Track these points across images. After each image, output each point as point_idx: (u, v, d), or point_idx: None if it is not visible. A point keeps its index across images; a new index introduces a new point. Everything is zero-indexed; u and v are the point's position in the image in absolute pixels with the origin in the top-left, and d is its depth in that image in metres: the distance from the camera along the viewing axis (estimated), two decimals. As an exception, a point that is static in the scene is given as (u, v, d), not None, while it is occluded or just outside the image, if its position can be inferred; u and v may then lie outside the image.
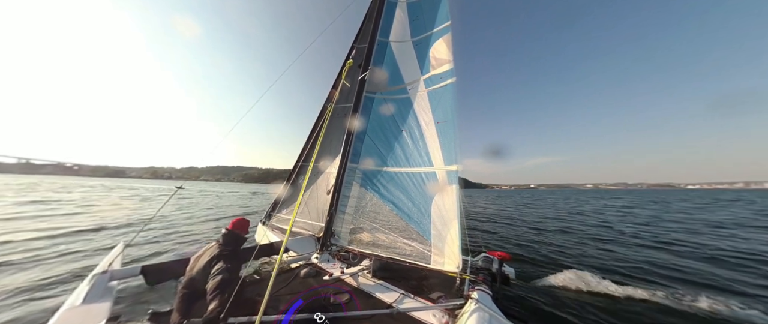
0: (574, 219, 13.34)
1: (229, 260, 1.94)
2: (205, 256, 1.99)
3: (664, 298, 3.90)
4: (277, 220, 5.00)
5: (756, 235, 8.88)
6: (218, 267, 1.85)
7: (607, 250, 6.92)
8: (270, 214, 5.15)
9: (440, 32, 3.32)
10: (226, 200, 22.09)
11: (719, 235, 8.81)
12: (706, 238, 8.39)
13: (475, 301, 2.05)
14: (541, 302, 3.76)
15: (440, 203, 2.89)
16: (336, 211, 3.50)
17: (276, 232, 4.67)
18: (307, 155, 4.12)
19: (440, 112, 3.16)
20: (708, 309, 3.59)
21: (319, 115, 4.24)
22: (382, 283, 2.83)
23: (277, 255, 2.34)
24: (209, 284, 1.77)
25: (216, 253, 1.97)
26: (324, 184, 4.44)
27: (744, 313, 3.51)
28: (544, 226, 10.83)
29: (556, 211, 17.87)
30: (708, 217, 13.66)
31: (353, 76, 3.75)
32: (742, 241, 7.74)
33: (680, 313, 3.54)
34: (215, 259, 1.92)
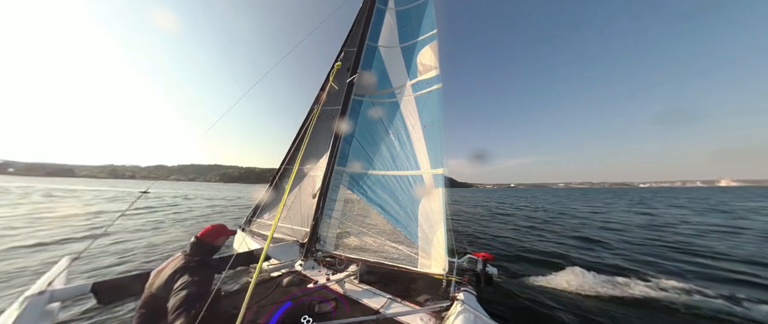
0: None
1: (197, 272, 1.74)
2: (167, 270, 1.77)
3: (650, 295, 4.13)
4: (258, 226, 4.73)
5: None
6: (183, 281, 1.64)
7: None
8: (250, 219, 4.86)
9: (427, 40, 3.45)
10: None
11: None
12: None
13: (461, 302, 2.08)
14: (523, 300, 3.91)
15: (427, 206, 2.93)
16: (322, 215, 3.40)
17: (256, 238, 4.41)
18: (292, 157, 3.99)
19: (427, 116, 3.24)
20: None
21: (305, 117, 4.14)
22: (370, 288, 2.78)
23: (256, 263, 2.20)
24: (172, 301, 1.56)
25: (180, 265, 1.76)
26: (309, 188, 4.30)
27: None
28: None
29: (563, 213, 16.37)
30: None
31: (341, 78, 3.74)
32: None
33: (668, 308, 3.76)
34: (179, 272, 1.71)
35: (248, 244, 4.10)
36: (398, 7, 3.78)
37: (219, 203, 18.49)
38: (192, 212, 14.18)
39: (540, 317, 3.51)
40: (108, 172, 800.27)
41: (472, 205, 23.13)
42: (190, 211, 14.73)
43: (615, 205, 22.76)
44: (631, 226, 11.06)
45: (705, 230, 10.13)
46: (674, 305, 3.83)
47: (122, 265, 5.01)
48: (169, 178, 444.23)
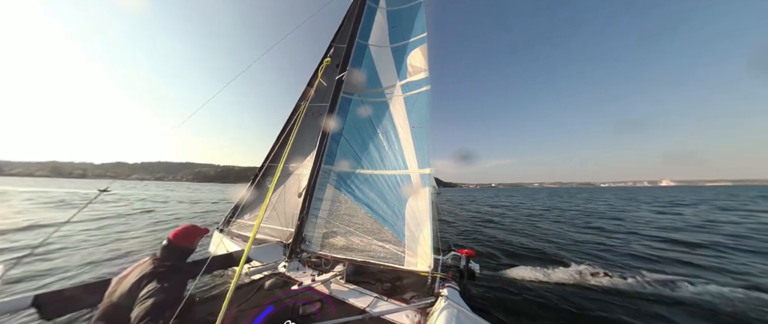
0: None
1: (166, 278, 1.60)
2: (132, 276, 1.61)
3: (620, 284, 4.58)
4: (238, 227, 4.49)
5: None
6: (150, 288, 1.50)
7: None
8: (229, 219, 4.58)
9: (417, 42, 3.50)
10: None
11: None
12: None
13: (445, 298, 2.14)
14: (502, 293, 4.15)
15: (414, 205, 2.98)
16: (308, 214, 3.31)
17: (236, 240, 4.18)
18: (277, 155, 3.83)
19: (415, 117, 3.29)
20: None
21: (291, 113, 4.00)
22: (356, 287, 2.77)
23: (236, 266, 2.08)
24: (136, 311, 1.42)
25: (148, 271, 1.61)
26: (294, 187, 4.16)
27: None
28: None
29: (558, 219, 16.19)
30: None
31: (330, 75, 3.66)
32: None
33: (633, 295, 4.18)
34: (146, 278, 1.56)
35: (227, 246, 3.88)
36: (389, 7, 3.78)
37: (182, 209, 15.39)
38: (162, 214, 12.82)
39: (516, 307, 3.76)
40: (50, 169, 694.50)
41: (474, 207, 22.20)
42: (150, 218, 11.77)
43: (613, 204, 22.60)
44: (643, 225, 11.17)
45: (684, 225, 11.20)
46: (621, 289, 4.33)
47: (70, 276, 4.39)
48: (130, 177, 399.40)
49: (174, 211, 14.28)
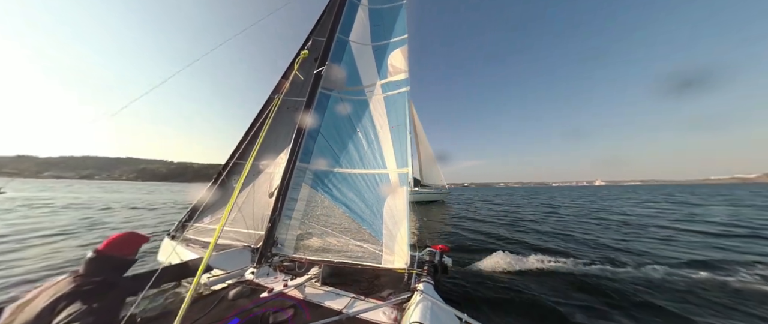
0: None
1: (94, 297, 1.35)
2: (40, 300, 1.30)
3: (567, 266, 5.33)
4: (196, 232, 3.97)
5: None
6: (70, 311, 1.24)
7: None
8: (185, 224, 4.02)
9: (398, 43, 3.55)
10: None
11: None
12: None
13: (421, 293, 2.21)
14: (471, 284, 4.47)
15: (392, 204, 3.02)
16: (280, 215, 3.10)
17: (193, 247, 3.70)
18: (245, 151, 3.50)
19: (394, 117, 3.33)
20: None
21: (263, 107, 3.68)
22: (332, 289, 2.70)
23: (193, 276, 1.84)
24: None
25: (66, 292, 1.32)
26: (265, 186, 3.85)
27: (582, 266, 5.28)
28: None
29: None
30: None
31: (307, 68, 3.48)
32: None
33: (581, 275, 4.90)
34: (64, 299, 1.29)
35: (181, 255, 3.41)
36: (372, 6, 3.75)
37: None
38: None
39: (483, 295, 4.10)
40: None
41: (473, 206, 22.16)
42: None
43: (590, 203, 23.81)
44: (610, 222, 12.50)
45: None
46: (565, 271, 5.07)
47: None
48: (41, 174, 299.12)
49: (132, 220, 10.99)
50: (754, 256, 6.13)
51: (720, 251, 6.71)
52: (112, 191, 37.75)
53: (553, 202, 25.49)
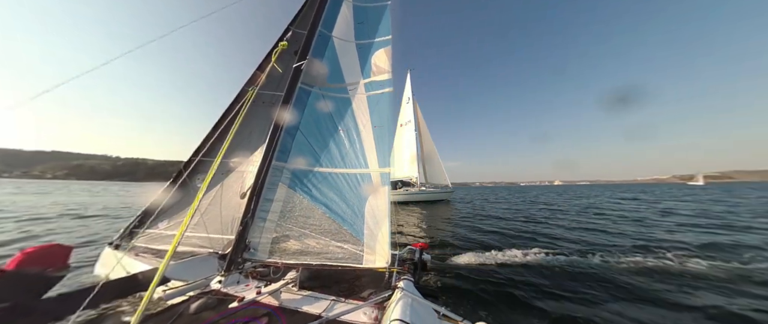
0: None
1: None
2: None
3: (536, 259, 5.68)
4: (149, 239, 3.47)
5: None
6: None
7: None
8: (133, 231, 3.47)
9: (382, 43, 3.55)
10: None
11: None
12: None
13: (401, 290, 2.24)
14: (448, 278, 4.68)
15: (374, 203, 3.01)
16: (253, 218, 2.87)
17: (145, 257, 3.22)
18: (213, 148, 3.18)
19: (377, 117, 3.33)
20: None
21: (235, 100, 3.37)
22: (311, 293, 2.59)
23: (144, 291, 1.59)
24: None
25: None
26: (236, 186, 3.52)
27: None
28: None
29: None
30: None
31: (286, 61, 3.28)
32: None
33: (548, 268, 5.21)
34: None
35: (128, 266, 2.94)
36: (356, 2, 3.70)
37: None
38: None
39: (458, 287, 4.32)
40: None
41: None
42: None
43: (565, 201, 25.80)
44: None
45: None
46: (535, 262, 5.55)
47: None
48: None
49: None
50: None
51: (727, 236, 7.89)
52: (33, 192, 29.51)
53: (540, 199, 26.91)
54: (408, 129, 31.07)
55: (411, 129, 30.42)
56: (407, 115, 31.60)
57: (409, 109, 31.51)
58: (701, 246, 6.86)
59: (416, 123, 30.54)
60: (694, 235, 8.42)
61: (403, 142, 31.46)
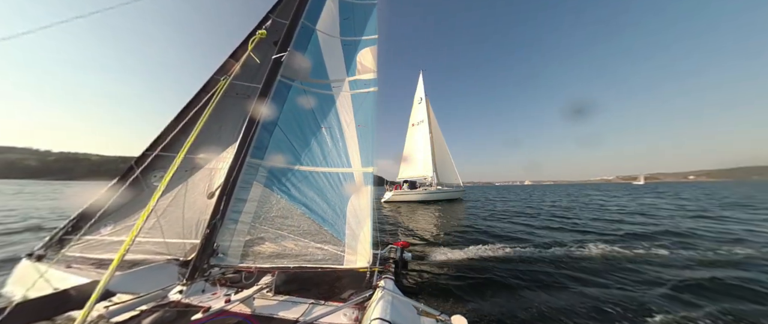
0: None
1: None
2: None
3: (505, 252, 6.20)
4: (86, 248, 2.93)
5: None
6: None
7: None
8: (63, 238, 2.88)
9: (368, 42, 3.52)
10: None
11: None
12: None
13: (382, 289, 2.25)
14: (427, 274, 4.83)
15: (356, 203, 2.98)
16: (223, 219, 2.63)
17: (80, 268, 2.72)
18: (175, 142, 2.83)
19: (361, 116, 3.30)
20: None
21: (201, 89, 3.03)
22: (288, 298, 2.46)
23: (79, 309, 1.34)
24: None
25: None
26: (202, 185, 3.17)
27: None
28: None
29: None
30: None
31: (264, 51, 3.06)
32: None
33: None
34: None
35: (56, 281, 2.45)
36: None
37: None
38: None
39: (435, 282, 4.50)
40: None
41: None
42: None
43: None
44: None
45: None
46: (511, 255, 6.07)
47: None
48: None
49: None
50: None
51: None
52: None
53: (537, 197, 28.96)
54: (420, 129, 31.19)
55: (423, 129, 30.67)
56: (419, 115, 31.76)
57: (421, 109, 31.70)
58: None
59: (429, 123, 30.60)
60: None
61: (416, 142, 31.58)
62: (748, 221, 10.12)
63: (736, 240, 7.24)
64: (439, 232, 9.36)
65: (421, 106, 31.86)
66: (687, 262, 5.55)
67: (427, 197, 24.58)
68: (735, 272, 4.88)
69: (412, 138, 32.51)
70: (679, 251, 6.27)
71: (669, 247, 6.64)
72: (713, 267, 5.22)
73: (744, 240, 7.20)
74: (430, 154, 29.38)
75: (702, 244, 6.88)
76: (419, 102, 32.44)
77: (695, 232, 8.25)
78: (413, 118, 32.79)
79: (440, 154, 30.81)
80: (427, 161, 29.50)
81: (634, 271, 5.03)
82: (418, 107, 32.47)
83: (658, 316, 3.36)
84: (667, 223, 9.90)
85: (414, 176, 29.76)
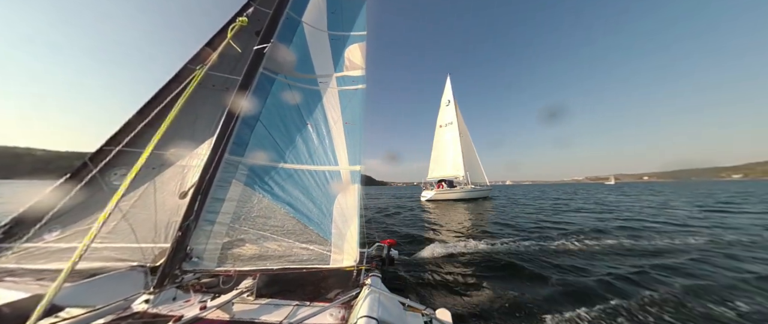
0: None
1: None
2: None
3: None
4: (26, 256, 2.53)
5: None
6: None
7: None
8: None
9: (357, 38, 3.46)
10: None
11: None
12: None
13: (369, 287, 2.25)
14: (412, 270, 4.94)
15: (343, 202, 2.94)
16: (197, 220, 2.43)
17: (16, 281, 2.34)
18: (140, 136, 2.55)
19: (349, 113, 3.25)
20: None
21: (173, 78, 2.76)
22: (270, 301, 2.37)
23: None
24: None
25: None
26: (173, 184, 2.89)
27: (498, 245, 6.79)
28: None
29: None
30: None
31: (244, 40, 2.87)
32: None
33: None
34: None
35: None
36: (329, -11, 3.49)
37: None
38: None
39: (422, 278, 4.60)
40: None
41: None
42: None
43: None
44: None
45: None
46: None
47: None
48: None
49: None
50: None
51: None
52: None
53: (545, 197, 30.56)
54: (448, 130, 32.63)
55: (451, 130, 32.13)
56: (448, 117, 33.09)
57: (449, 111, 33.08)
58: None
59: (459, 126, 32.06)
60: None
61: (445, 143, 32.89)
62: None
63: None
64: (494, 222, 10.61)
65: (449, 109, 33.43)
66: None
67: (465, 195, 26.34)
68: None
69: (441, 139, 33.97)
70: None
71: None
72: None
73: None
74: (460, 154, 31.04)
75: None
76: (447, 104, 33.92)
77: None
78: (440, 119, 34.25)
79: (469, 154, 32.49)
80: (456, 161, 31.24)
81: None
82: (445, 109, 34.00)
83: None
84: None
85: (445, 176, 31.33)
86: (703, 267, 5.01)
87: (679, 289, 4.06)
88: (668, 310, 3.51)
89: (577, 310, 3.50)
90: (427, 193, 26.72)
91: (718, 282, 4.29)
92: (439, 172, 32.83)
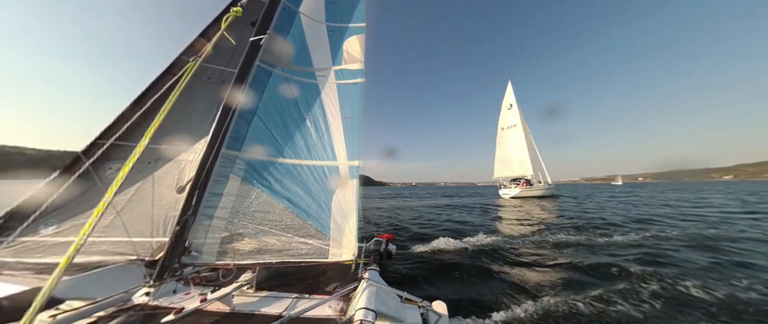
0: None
1: None
2: None
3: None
4: (22, 251, 2.52)
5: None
6: None
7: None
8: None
9: (356, 30, 3.37)
10: None
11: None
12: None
13: (367, 280, 2.29)
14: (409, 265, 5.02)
15: (341, 197, 2.95)
16: (195, 215, 2.43)
17: (13, 274, 2.34)
18: (134, 129, 2.50)
19: (348, 108, 3.21)
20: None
21: (166, 71, 2.69)
22: (270, 293, 2.41)
23: (18, 321, 1.16)
24: None
25: None
26: (170, 178, 2.86)
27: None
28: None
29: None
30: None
31: (239, 31, 2.78)
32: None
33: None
34: None
35: None
36: (327, -21, 3.37)
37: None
38: None
39: (418, 273, 4.69)
40: None
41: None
42: None
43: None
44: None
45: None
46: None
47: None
48: None
49: None
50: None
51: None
52: None
53: (595, 196, 29.44)
54: (512, 132, 34.77)
55: (515, 132, 34.09)
56: (511, 120, 35.23)
57: (512, 114, 35.09)
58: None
59: (524, 128, 33.71)
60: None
61: (508, 145, 35.11)
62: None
63: None
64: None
65: (511, 112, 35.49)
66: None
67: (542, 193, 28.72)
68: None
69: (504, 140, 36.26)
70: None
71: None
72: None
73: None
74: (526, 156, 32.96)
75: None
76: (509, 108, 35.95)
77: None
78: (502, 122, 36.69)
79: (532, 155, 34.15)
80: (523, 162, 33.24)
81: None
82: (507, 112, 36.15)
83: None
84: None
85: (514, 175, 33.59)
86: None
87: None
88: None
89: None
90: (508, 190, 28.55)
91: None
92: (505, 172, 35.17)
